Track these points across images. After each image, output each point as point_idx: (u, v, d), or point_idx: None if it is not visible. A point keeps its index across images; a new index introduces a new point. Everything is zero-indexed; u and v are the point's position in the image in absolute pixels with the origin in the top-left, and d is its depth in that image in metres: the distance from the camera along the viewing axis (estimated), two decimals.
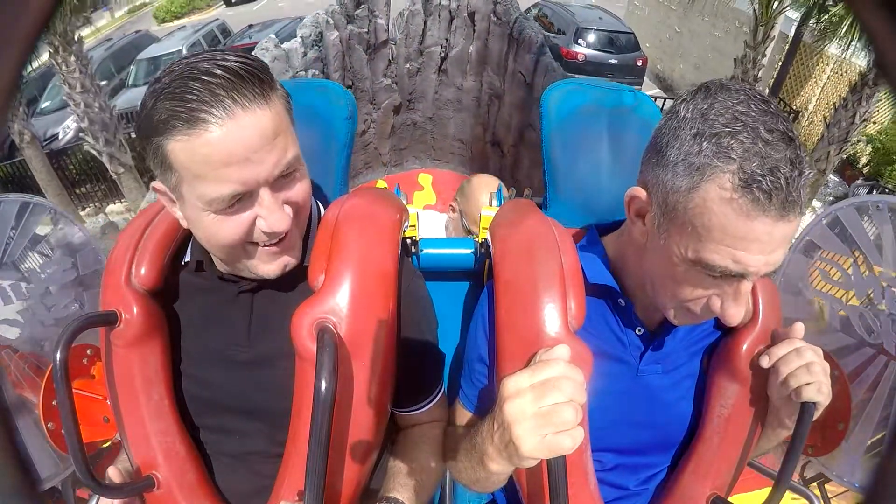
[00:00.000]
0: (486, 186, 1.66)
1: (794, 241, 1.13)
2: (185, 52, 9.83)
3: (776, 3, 6.14)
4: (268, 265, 0.70)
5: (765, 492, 0.75)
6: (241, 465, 0.80)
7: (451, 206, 1.77)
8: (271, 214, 0.64)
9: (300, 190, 0.69)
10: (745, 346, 0.77)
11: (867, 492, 0.23)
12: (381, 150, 3.73)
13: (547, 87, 1.12)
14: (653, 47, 11.27)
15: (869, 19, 0.19)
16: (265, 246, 0.68)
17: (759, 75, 6.50)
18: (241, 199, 0.63)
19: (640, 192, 0.69)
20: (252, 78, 0.60)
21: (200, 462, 0.80)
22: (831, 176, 7.06)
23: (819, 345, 0.97)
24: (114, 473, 0.77)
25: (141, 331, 0.74)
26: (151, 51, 10.78)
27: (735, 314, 0.67)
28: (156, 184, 0.68)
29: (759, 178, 0.58)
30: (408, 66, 3.49)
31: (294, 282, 0.77)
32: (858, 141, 6.96)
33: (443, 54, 3.47)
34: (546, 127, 1.06)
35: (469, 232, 1.67)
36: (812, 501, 0.99)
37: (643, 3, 12.54)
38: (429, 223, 1.87)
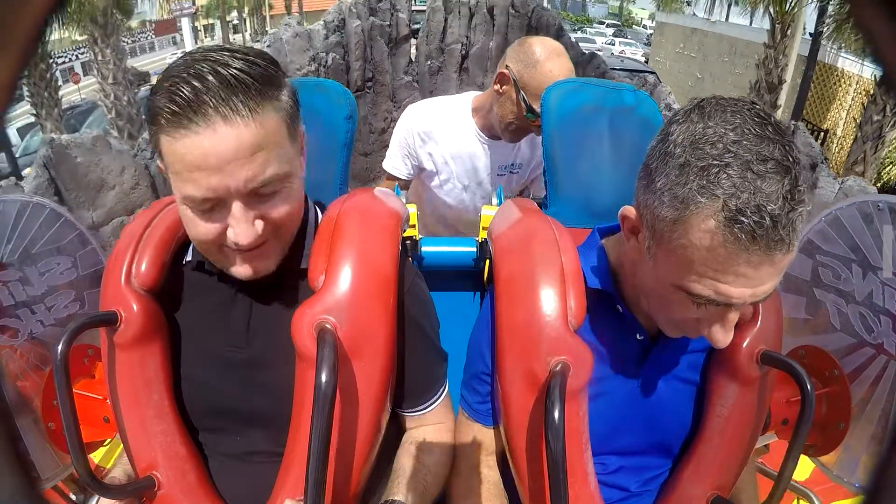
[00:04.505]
0: (556, 53, 1.25)
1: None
2: None
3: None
4: (239, 267, 0.71)
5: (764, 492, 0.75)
6: (241, 465, 0.80)
7: (501, 73, 1.30)
8: (238, 226, 0.65)
9: (281, 210, 0.68)
10: (744, 346, 0.76)
11: (867, 492, 0.22)
12: None
13: None
14: (676, 97, 11.27)
15: (867, 19, 0.19)
16: (237, 251, 0.69)
17: (786, 77, 6.16)
18: (215, 205, 0.65)
19: (631, 213, 0.69)
20: (246, 89, 0.61)
21: (201, 462, 0.79)
22: None
23: (819, 345, 0.97)
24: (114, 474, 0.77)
25: (141, 331, 0.74)
26: None
27: (722, 339, 0.67)
28: (161, 163, 0.69)
29: (742, 219, 0.55)
30: (429, 63, 3.46)
31: (294, 282, 0.77)
32: (891, 163, 6.59)
33: (463, 52, 3.43)
34: (546, 126, 1.06)
35: (530, 111, 1.26)
36: (812, 501, 0.99)
37: (664, 56, 12.82)
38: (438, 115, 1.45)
